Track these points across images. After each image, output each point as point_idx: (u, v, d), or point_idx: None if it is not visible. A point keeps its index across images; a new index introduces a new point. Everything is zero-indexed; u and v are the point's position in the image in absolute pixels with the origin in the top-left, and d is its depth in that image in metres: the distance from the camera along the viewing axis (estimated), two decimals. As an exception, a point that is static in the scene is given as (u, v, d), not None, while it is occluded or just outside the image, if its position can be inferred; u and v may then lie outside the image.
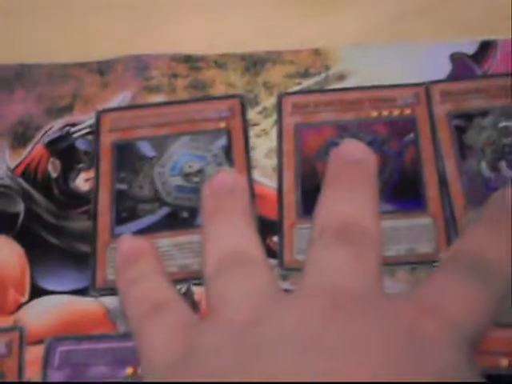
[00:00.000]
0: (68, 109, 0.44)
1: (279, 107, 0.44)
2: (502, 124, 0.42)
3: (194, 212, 0.40)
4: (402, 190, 0.41)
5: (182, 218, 0.41)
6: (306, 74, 0.44)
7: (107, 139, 0.43)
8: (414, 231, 0.39)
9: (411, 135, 0.42)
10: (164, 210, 0.41)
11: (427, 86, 0.43)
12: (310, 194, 0.41)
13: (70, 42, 0.48)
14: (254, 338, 0.30)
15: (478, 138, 0.42)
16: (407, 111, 0.43)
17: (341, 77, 0.44)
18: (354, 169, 0.37)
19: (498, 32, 0.45)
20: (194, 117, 0.44)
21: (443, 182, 0.40)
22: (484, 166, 0.41)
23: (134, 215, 0.41)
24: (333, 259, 0.33)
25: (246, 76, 0.45)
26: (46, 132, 0.43)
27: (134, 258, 0.36)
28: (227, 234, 0.35)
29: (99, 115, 0.44)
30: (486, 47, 0.44)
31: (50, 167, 0.42)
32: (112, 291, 0.39)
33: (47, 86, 0.45)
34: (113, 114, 0.44)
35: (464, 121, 0.42)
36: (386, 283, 0.34)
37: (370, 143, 0.42)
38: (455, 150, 0.41)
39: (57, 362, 0.37)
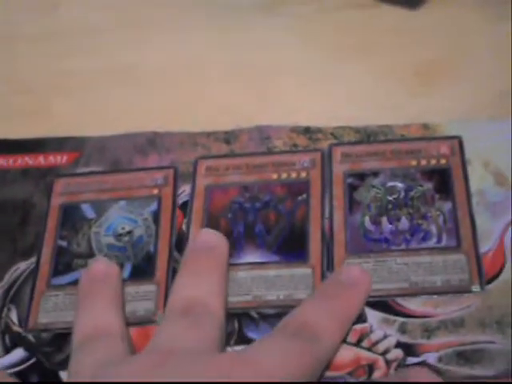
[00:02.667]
0: (198, 174, 0.48)
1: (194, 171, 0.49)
2: (390, 184, 0.46)
3: (120, 266, 0.45)
4: (289, 243, 0.45)
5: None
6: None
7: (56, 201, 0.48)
8: (294, 279, 0.44)
9: (304, 196, 0.47)
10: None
11: (329, 149, 0.48)
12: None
13: (197, 112, 0.53)
14: None
15: (367, 195, 0.46)
16: (303, 174, 0.48)
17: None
18: (205, 254, 0.43)
19: None
20: (131, 184, 0.49)
21: (326, 235, 0.45)
22: (367, 219, 0.45)
23: (69, 268, 0.46)
24: (173, 329, 0.39)
25: (361, 147, 0.49)
26: (180, 194, 0.48)
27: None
28: (90, 313, 0.42)
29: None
30: None
31: (184, 227, 0.47)
32: (40, 332, 0.44)
33: (178, 152, 0.50)
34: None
35: (357, 179, 0.47)
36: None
37: (267, 202, 0.47)
38: (345, 204, 0.46)
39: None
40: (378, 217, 0.45)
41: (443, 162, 0.47)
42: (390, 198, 0.46)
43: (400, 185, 0.46)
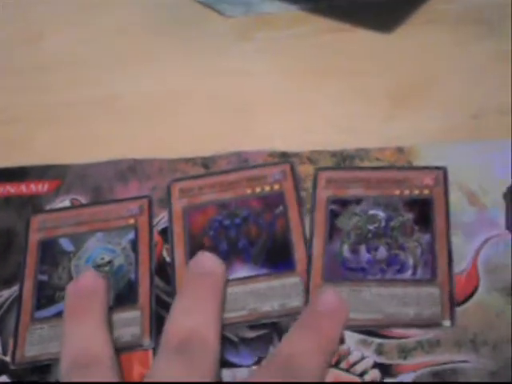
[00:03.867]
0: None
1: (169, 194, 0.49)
2: (372, 212, 0.47)
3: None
4: (274, 255, 0.46)
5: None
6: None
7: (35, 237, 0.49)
8: (286, 289, 0.45)
9: (281, 207, 0.48)
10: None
11: (315, 174, 0.49)
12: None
13: (177, 140, 0.54)
14: None
15: (348, 223, 0.47)
16: (276, 186, 0.49)
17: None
18: (202, 281, 0.43)
19: None
20: (107, 216, 0.49)
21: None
22: (346, 247, 0.46)
23: (52, 301, 0.46)
24: (167, 370, 0.39)
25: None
26: (160, 220, 0.49)
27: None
28: (79, 333, 0.42)
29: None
30: None
31: (164, 252, 0.47)
32: (29, 365, 0.44)
33: (158, 179, 0.51)
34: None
35: (339, 206, 0.47)
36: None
37: (246, 217, 0.47)
38: (325, 231, 0.46)
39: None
40: (356, 245, 0.46)
41: (426, 192, 0.47)
42: (371, 227, 0.46)
43: (381, 214, 0.46)
